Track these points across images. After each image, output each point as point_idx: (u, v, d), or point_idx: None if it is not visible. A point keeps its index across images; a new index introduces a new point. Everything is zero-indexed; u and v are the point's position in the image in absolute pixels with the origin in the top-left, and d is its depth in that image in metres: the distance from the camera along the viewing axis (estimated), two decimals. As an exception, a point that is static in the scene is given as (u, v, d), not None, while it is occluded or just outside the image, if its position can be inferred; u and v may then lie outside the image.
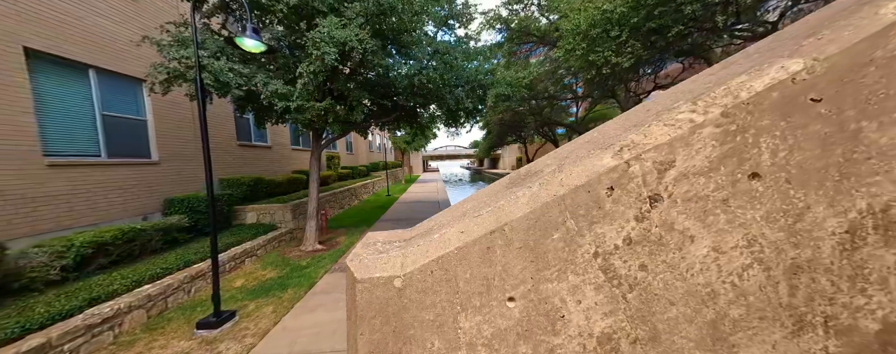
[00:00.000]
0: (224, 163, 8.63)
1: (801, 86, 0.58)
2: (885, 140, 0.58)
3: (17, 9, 4.30)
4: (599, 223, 0.62)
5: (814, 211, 0.60)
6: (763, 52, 0.71)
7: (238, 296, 4.05)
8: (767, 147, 0.60)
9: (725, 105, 0.60)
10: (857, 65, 0.57)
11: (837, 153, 0.59)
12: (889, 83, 0.57)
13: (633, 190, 0.62)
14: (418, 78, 4.96)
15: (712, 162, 0.61)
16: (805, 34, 0.66)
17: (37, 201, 4.32)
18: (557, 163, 0.73)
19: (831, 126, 0.59)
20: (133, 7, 6.10)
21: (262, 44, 3.41)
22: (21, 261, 3.44)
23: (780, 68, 0.60)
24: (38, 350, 2.43)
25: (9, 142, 4.09)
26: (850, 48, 0.57)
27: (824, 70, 0.58)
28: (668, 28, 5.56)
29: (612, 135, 0.70)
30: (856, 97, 0.58)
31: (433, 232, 0.64)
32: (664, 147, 0.61)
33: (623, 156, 0.62)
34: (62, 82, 4.92)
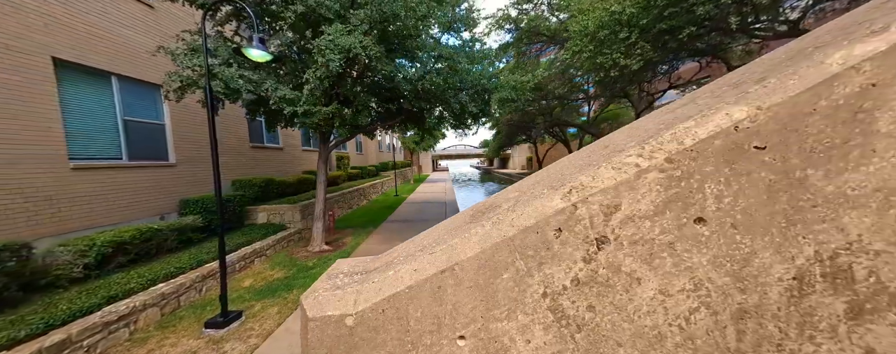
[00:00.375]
0: (237, 164, 8.92)
1: (744, 133, 0.59)
2: (831, 188, 0.58)
3: (46, 21, 4.57)
4: (548, 264, 0.64)
5: (760, 256, 0.61)
6: (712, 96, 0.72)
7: (246, 296, 4.20)
8: (712, 192, 0.61)
9: (670, 151, 0.61)
10: (801, 115, 0.58)
11: (783, 200, 0.59)
12: (834, 133, 0.57)
13: (581, 232, 0.64)
14: (422, 82, 5.01)
15: (658, 206, 0.62)
16: (755, 79, 0.66)
17: (62, 202, 4.59)
18: (515, 199, 0.75)
19: (776, 173, 0.59)
20: (152, 16, 6.37)
21: (267, 54, 3.52)
22: (47, 259, 3.67)
23: (725, 115, 0.61)
24: (60, 346, 2.61)
25: (37, 147, 4.36)
26: (794, 97, 0.58)
27: (767, 119, 0.58)
28: (680, 29, 5.41)
29: (567, 174, 0.72)
30: (800, 146, 0.58)
31: (390, 267, 0.67)
32: (610, 191, 0.63)
33: (571, 198, 0.64)
34: (87, 90, 5.20)
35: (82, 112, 5.09)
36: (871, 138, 0.57)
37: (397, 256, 0.75)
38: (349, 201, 12.63)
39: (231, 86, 4.57)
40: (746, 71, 0.78)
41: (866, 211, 0.58)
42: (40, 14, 4.52)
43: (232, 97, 4.76)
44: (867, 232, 0.58)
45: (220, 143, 8.40)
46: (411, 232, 8.57)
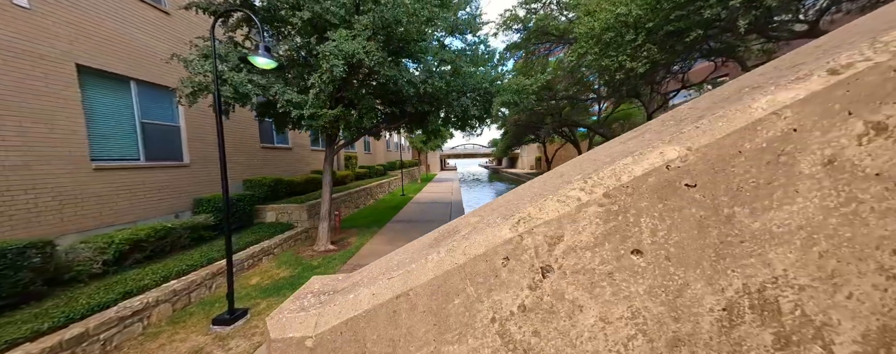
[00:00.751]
0: (248, 164, 9.19)
1: (675, 172, 0.63)
2: (757, 225, 0.62)
3: (71, 31, 4.83)
4: (496, 290, 0.69)
5: (693, 288, 0.65)
6: (655, 132, 0.75)
7: (252, 294, 4.37)
8: (647, 226, 0.65)
9: (608, 186, 0.66)
10: (728, 156, 0.61)
11: (713, 235, 0.63)
12: (758, 173, 0.61)
13: (527, 261, 0.69)
14: (424, 86, 5.07)
15: (597, 238, 0.66)
16: (695, 116, 0.70)
17: (84, 201, 4.86)
18: (473, 225, 0.81)
19: (706, 210, 0.63)
20: (169, 22, 6.63)
21: (272, 61, 3.65)
22: (70, 256, 3.90)
23: (659, 154, 0.65)
24: (78, 339, 2.79)
25: (63, 149, 4.62)
26: (721, 139, 0.61)
27: (697, 159, 0.62)
28: (687, 32, 5.31)
29: (521, 203, 0.77)
30: (728, 185, 0.62)
31: (354, 289, 0.74)
32: (554, 222, 0.67)
33: (519, 228, 0.69)
34: (107, 94, 5.47)
35: (103, 115, 5.35)
36: (794, 179, 0.60)
37: (364, 277, 0.81)
38: (356, 201, 12.83)
39: (240, 90, 4.73)
40: (694, 105, 0.81)
41: (791, 248, 0.62)
42: (66, 24, 4.77)
43: (241, 101, 4.93)
44: (792, 267, 0.62)
45: (232, 144, 8.67)
46: (415, 232, 8.66)
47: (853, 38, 0.67)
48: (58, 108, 4.59)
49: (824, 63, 0.59)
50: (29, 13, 4.34)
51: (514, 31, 17.91)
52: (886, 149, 0.57)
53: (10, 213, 3.98)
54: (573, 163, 0.91)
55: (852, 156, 0.58)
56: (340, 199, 11.13)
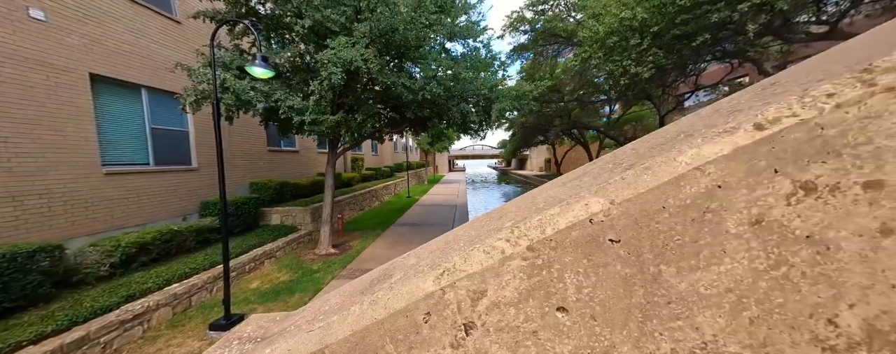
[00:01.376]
0: (255, 167, 9.39)
1: (599, 226, 0.60)
2: (683, 285, 0.58)
3: (84, 41, 5.04)
4: (417, 348, 0.67)
5: (619, 349, 0.61)
6: (593, 176, 0.72)
7: (251, 299, 4.45)
8: (572, 282, 0.62)
9: (533, 239, 0.63)
10: (652, 211, 0.58)
11: (639, 294, 0.60)
12: (683, 231, 0.57)
13: (449, 317, 0.66)
14: (422, 93, 5.08)
15: (521, 293, 0.64)
16: (626, 165, 0.66)
17: (95, 205, 5.05)
18: (407, 269, 0.79)
19: (631, 267, 0.60)
20: (178, 31, 6.84)
21: (270, 71, 3.72)
22: (78, 258, 4.06)
23: (584, 206, 0.62)
24: (79, 342, 2.90)
25: (75, 155, 4.83)
26: (645, 194, 0.58)
27: (620, 213, 0.59)
28: (694, 36, 5.14)
29: (451, 250, 0.74)
30: (653, 241, 0.58)
31: (276, 339, 0.73)
32: (477, 276, 0.65)
33: (442, 281, 0.67)
34: (119, 101, 5.69)
35: (115, 122, 5.57)
36: (721, 238, 0.57)
37: (294, 323, 0.81)
38: (361, 203, 12.95)
39: (242, 97, 4.83)
40: (635, 147, 0.77)
41: (720, 312, 0.58)
42: (80, 35, 4.99)
43: (244, 108, 5.04)
44: (722, 333, 0.58)
45: (239, 148, 8.88)
46: (417, 235, 8.68)
47: (792, 85, 0.62)
48: (71, 116, 4.79)
49: (753, 115, 0.56)
50: (45, 26, 4.55)
51: (521, 33, 17.79)
52: (816, 211, 0.53)
53: (24, 217, 4.18)
54: (519, 200, 0.88)
55: (781, 217, 0.54)
56: (345, 202, 11.26)
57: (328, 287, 4.93)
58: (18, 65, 4.26)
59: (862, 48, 0.68)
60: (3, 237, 3.93)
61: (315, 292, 4.77)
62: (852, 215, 0.51)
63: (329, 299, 0.89)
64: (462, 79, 5.37)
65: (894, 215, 0.50)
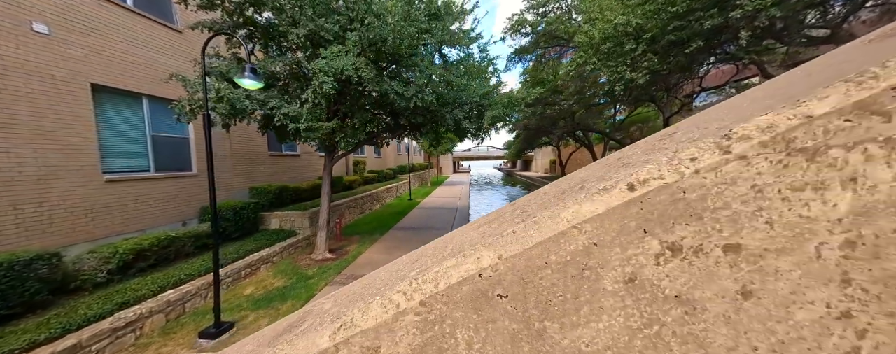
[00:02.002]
0: (255, 172, 9.53)
1: (487, 282, 0.61)
2: (566, 342, 0.59)
3: (86, 52, 5.19)
4: None
5: (510, 403, 0.62)
6: (501, 222, 0.73)
7: (244, 305, 4.52)
8: (463, 338, 0.63)
9: (426, 293, 0.64)
10: (536, 267, 0.59)
11: (526, 350, 0.61)
12: (565, 287, 0.58)
13: (342, 378, 0.67)
14: (414, 100, 5.12)
15: (415, 349, 0.64)
16: (524, 216, 0.67)
17: (96, 211, 5.19)
18: (313, 319, 0.80)
19: (518, 323, 0.61)
20: (180, 40, 7.00)
21: (259, 82, 3.79)
22: (77, 265, 4.17)
23: (476, 260, 0.63)
24: (71, 350, 2.98)
25: (75, 163, 4.96)
26: (529, 250, 0.59)
27: (507, 269, 0.60)
28: (687, 43, 5.08)
29: (352, 301, 0.76)
30: (537, 297, 0.59)
31: None
32: (371, 332, 0.65)
33: (336, 337, 0.67)
34: (120, 110, 5.83)
35: (115, 130, 5.71)
36: (599, 295, 0.58)
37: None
38: (361, 206, 13.03)
39: (237, 106, 4.92)
40: (545, 192, 0.78)
41: (601, 368, 0.58)
42: (82, 47, 5.14)
43: (239, 116, 5.13)
44: (603, 388, 0.58)
45: (240, 153, 9.02)
46: (415, 240, 8.70)
47: (676, 142, 0.63)
48: (72, 126, 4.94)
49: (629, 174, 0.57)
50: (48, 39, 4.70)
51: (522, 35, 17.78)
52: (683, 271, 0.54)
53: (25, 225, 4.31)
54: (430, 246, 0.89)
55: (651, 276, 0.55)
56: (345, 205, 11.34)
57: (320, 293, 4.97)
58: (21, 77, 4.41)
59: (768, 96, 0.68)
60: (4, 244, 4.06)
61: (307, 298, 4.82)
62: (715, 277, 0.52)
63: (245, 345, 0.91)
64: (454, 87, 5.40)
65: (753, 278, 0.51)
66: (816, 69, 0.63)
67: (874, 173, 0.45)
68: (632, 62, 5.69)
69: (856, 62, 0.55)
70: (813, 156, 0.47)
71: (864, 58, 0.54)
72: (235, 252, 6.11)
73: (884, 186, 0.45)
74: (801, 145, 0.47)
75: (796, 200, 0.48)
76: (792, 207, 0.49)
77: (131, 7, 6.02)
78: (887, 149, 0.44)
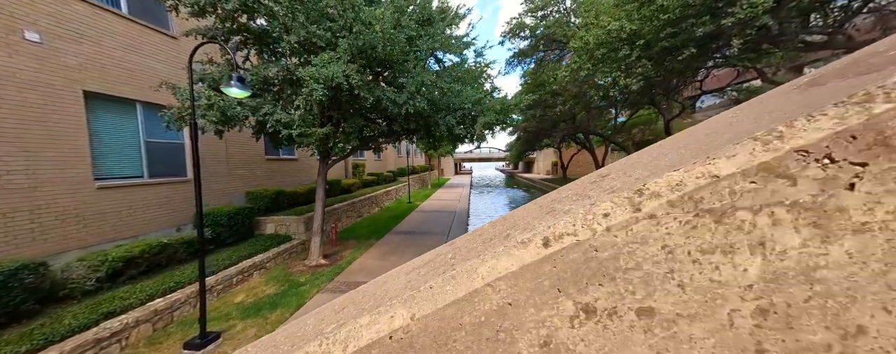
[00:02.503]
0: (252, 177, 9.53)
1: (398, 345, 0.58)
2: None
3: (79, 60, 5.21)
4: None
5: None
6: (420, 274, 0.71)
7: (232, 314, 4.49)
8: None
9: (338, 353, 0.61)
10: (450, 329, 0.56)
11: None
12: (480, 350, 0.55)
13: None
14: (406, 106, 5.11)
15: None
16: (445, 266, 0.65)
17: (87, 219, 5.19)
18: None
19: None
20: (175, 46, 7.02)
21: (246, 91, 3.79)
22: (65, 273, 4.16)
23: (390, 319, 0.60)
24: (53, 362, 2.96)
25: (66, 171, 4.96)
26: (443, 309, 0.57)
27: (419, 330, 0.57)
28: (680, 49, 5.06)
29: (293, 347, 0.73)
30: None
31: None
32: None
33: None
34: (113, 117, 5.85)
35: (108, 137, 5.72)
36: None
37: None
38: (359, 209, 13.01)
39: (228, 113, 4.92)
40: (472, 239, 0.75)
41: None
42: (75, 55, 5.16)
43: (230, 123, 5.13)
44: None
45: (236, 157, 9.03)
46: (412, 245, 8.67)
47: (604, 190, 0.60)
48: (63, 134, 4.95)
49: (548, 227, 0.54)
50: (40, 47, 4.72)
51: (521, 39, 17.81)
52: (598, 335, 0.51)
53: (14, 233, 4.31)
54: (348, 296, 0.86)
55: (566, 340, 0.52)
56: (342, 209, 11.33)
57: (310, 303, 4.95)
58: (12, 85, 4.42)
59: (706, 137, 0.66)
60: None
61: (297, 307, 4.80)
62: (630, 342, 0.49)
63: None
64: (446, 93, 5.39)
65: (667, 345, 0.48)
66: (742, 116, 0.61)
67: (783, 238, 0.42)
68: (626, 68, 5.68)
69: (781, 112, 0.52)
70: (721, 218, 0.44)
71: (790, 107, 0.52)
72: (228, 258, 6.09)
73: (793, 252, 0.43)
74: (708, 206, 0.45)
75: (707, 263, 0.46)
76: (703, 270, 0.46)
77: (126, 14, 6.05)
78: (794, 214, 0.41)
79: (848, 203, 0.39)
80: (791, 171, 0.41)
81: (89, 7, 5.42)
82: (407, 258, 7.95)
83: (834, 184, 0.40)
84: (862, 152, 0.39)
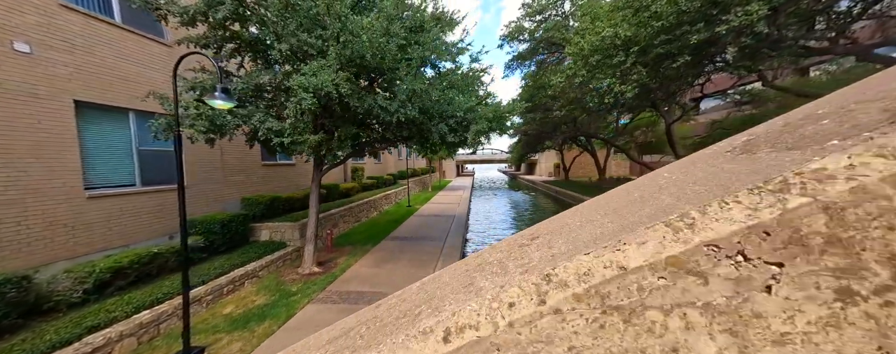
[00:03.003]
0: (249, 182, 9.51)
1: None
2: None
3: (69, 70, 5.21)
4: None
5: None
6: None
7: (220, 326, 4.43)
8: None
9: None
10: None
11: None
12: None
13: None
14: (397, 115, 5.07)
15: None
16: (362, 346, 0.58)
17: (76, 229, 5.16)
18: None
19: None
20: (169, 54, 7.03)
21: (231, 101, 3.76)
22: (51, 286, 4.12)
23: None
24: (31, 380, 2.91)
25: (55, 181, 4.93)
26: None
27: None
28: (675, 57, 4.99)
29: None
30: None
31: None
32: None
33: None
34: (105, 126, 5.84)
35: (100, 146, 5.71)
36: None
37: None
38: (357, 214, 12.95)
39: (217, 122, 4.90)
40: (389, 311, 0.68)
41: None
42: (65, 65, 5.16)
43: (220, 132, 5.10)
44: None
45: (233, 163, 9.01)
46: (407, 251, 8.59)
47: (511, 264, 0.54)
48: (52, 143, 4.93)
49: (451, 314, 0.48)
50: (30, 58, 4.72)
51: (520, 42, 17.79)
52: None
53: (0, 245, 4.29)
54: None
55: None
56: (339, 214, 11.27)
57: (299, 314, 4.88)
58: (2, 97, 4.41)
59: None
60: (-22, 265, 4.03)
61: (287, 318, 4.74)
62: None
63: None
64: (437, 101, 5.34)
65: None
66: (671, 180, 0.54)
67: (697, 345, 0.36)
68: (621, 74, 5.61)
69: (705, 184, 0.46)
70: (629, 318, 0.38)
71: (714, 179, 0.46)
72: (220, 267, 6.04)
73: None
74: (616, 302, 0.38)
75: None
76: (613, 377, 0.40)
77: (120, 24, 6.06)
78: (708, 317, 0.35)
79: (765, 308, 0.33)
80: (702, 268, 0.35)
81: (81, 17, 5.43)
82: (401, 265, 7.86)
83: (748, 286, 0.34)
84: (777, 251, 0.33)
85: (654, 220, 0.40)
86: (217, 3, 4.93)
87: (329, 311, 5.05)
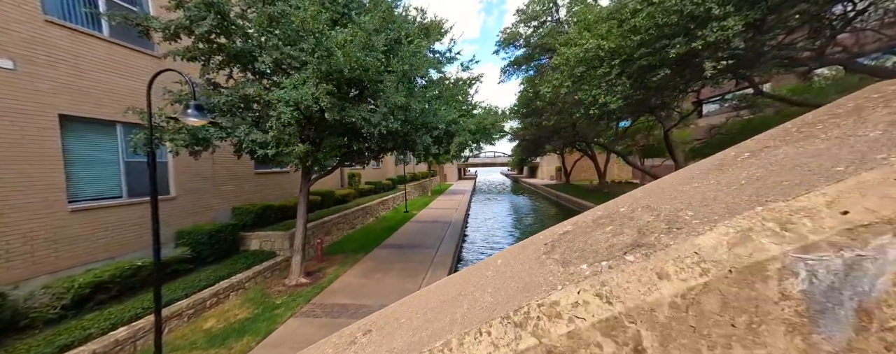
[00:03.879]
0: (240, 191, 9.52)
1: None
2: None
3: (54, 85, 5.25)
4: None
5: None
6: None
7: (198, 342, 4.39)
8: None
9: None
10: None
11: None
12: None
13: None
14: (379, 127, 5.04)
15: None
16: None
17: (58, 242, 5.17)
18: None
19: None
20: (158, 66, 7.07)
21: (204, 118, 3.75)
22: (28, 302, 4.12)
23: None
24: (-8, 405, 2.88)
25: (37, 195, 4.95)
26: None
27: None
28: (656, 69, 4.91)
29: None
30: None
31: None
32: None
33: None
34: (91, 139, 5.87)
35: (85, 159, 5.73)
36: None
37: None
38: (351, 221, 12.91)
39: (199, 136, 4.89)
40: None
41: None
42: (50, 80, 5.20)
43: (202, 145, 5.10)
44: None
45: (224, 173, 9.03)
46: (398, 261, 8.51)
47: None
48: (36, 158, 4.96)
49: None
50: (13, 74, 4.77)
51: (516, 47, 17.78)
52: None
53: (-20, 261, 4.30)
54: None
55: None
56: (332, 222, 11.24)
57: (280, 329, 4.83)
58: (-16, 112, 4.46)
59: None
60: (-45, 283, 4.04)
61: (267, 333, 4.68)
62: None
63: None
64: (422, 112, 5.30)
65: None
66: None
67: None
68: (606, 86, 5.53)
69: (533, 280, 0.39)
70: None
71: (532, 277, 0.39)
72: (206, 279, 6.02)
73: None
74: None
75: None
76: None
77: (108, 38, 6.12)
78: None
79: None
80: None
81: (68, 32, 5.48)
82: (391, 276, 7.78)
83: None
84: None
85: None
86: (199, 18, 4.94)
87: (311, 326, 4.99)
